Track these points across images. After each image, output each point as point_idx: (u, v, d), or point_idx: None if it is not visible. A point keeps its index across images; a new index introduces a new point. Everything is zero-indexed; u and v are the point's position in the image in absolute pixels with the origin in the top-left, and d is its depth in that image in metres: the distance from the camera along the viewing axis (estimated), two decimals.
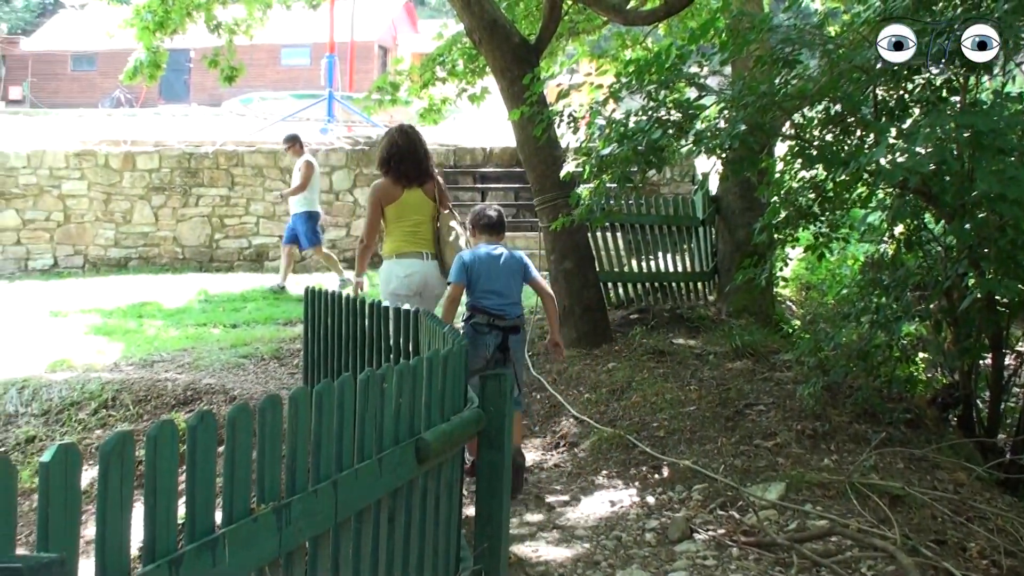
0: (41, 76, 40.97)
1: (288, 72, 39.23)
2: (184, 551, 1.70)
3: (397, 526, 2.67)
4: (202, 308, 13.26)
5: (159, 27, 11.97)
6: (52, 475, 1.45)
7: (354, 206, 16.47)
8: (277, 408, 2.04)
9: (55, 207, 16.33)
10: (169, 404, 9.03)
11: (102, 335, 11.78)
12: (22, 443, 9.08)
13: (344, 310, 6.74)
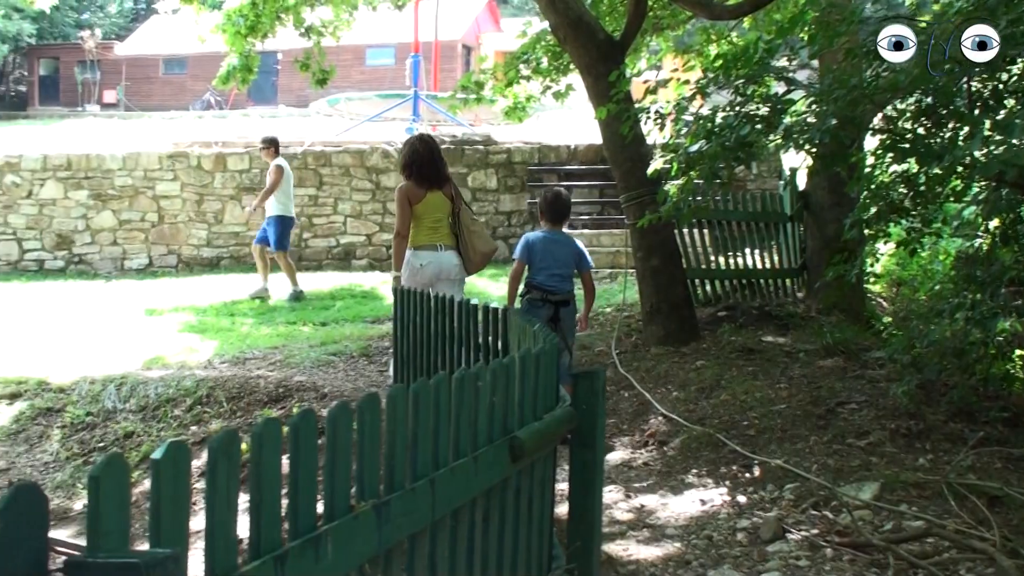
0: (134, 80, 41.95)
1: (373, 72, 39.60)
2: (288, 548, 1.72)
3: (491, 524, 2.68)
4: (291, 306, 13.46)
5: (250, 31, 12.17)
6: (163, 472, 1.47)
7: None
8: (376, 407, 2.06)
9: (149, 208, 16.69)
10: (261, 401, 9.18)
11: (196, 333, 12.03)
12: (120, 438, 9.31)
13: (433, 308, 6.79)
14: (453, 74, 36.64)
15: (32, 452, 9.49)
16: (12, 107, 43.76)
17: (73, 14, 45.79)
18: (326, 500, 1.89)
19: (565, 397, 3.37)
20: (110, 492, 1.37)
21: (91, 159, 16.78)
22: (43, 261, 16.75)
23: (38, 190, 16.77)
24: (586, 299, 7.61)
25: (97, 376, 10.33)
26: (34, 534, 1.29)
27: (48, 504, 1.34)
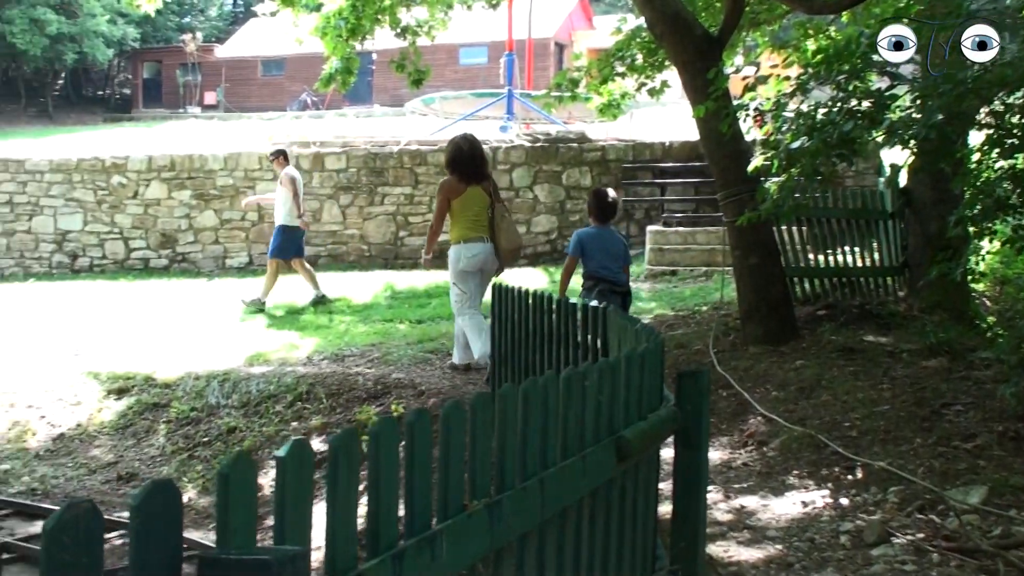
0: (233, 81, 42.77)
1: (466, 71, 39.80)
2: (405, 546, 1.74)
3: (597, 525, 2.68)
4: (388, 304, 13.61)
5: (351, 34, 12.31)
6: (288, 469, 1.50)
7: (533, 203, 16.59)
8: (488, 406, 2.08)
9: (251, 208, 17.01)
10: (360, 398, 9.29)
11: (295, 330, 12.23)
12: (224, 433, 9.51)
13: (532, 307, 6.81)
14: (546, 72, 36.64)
15: (139, 446, 9.74)
16: (117, 109, 44.94)
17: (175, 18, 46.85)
18: (439, 499, 1.91)
19: (669, 397, 3.35)
20: (238, 489, 1.40)
21: (194, 160, 17.17)
22: (148, 259, 17.17)
23: (143, 190, 17.21)
24: None
25: (201, 372, 10.57)
26: (169, 530, 1.32)
27: (182, 500, 1.37)
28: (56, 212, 17.45)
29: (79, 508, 1.17)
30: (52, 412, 10.42)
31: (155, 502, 1.29)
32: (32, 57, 39.23)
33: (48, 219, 17.43)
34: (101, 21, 40.11)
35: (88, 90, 49.56)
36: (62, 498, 8.84)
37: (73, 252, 17.33)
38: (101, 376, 10.85)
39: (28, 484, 9.24)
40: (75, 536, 1.14)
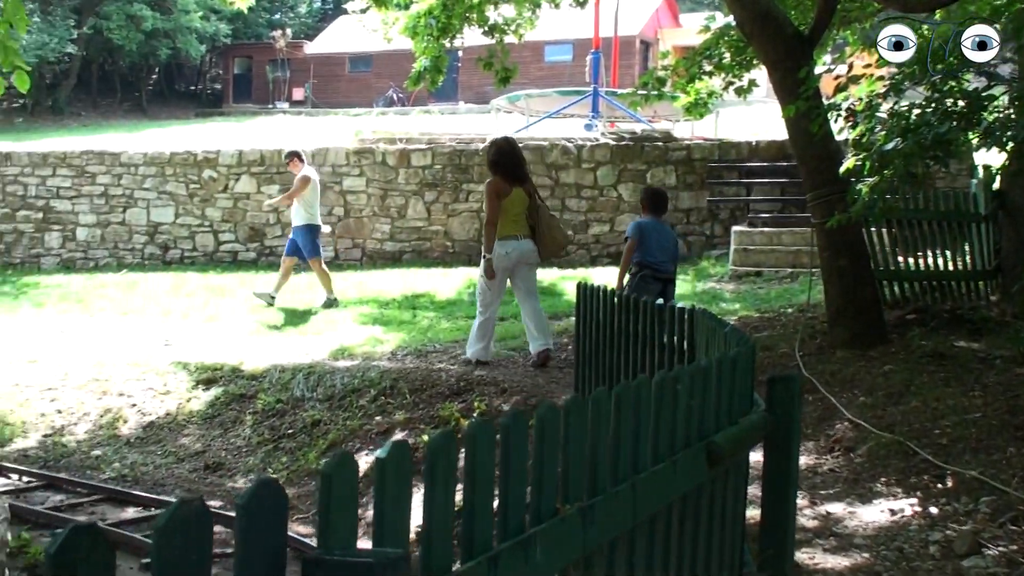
0: (321, 78, 43.28)
1: (551, 69, 39.76)
2: (500, 549, 1.74)
3: (686, 530, 2.66)
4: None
5: (442, 33, 12.39)
6: (388, 471, 1.51)
7: (618, 201, 16.53)
8: (583, 409, 2.07)
9: (336, 203, 17.20)
10: (443, 394, 9.34)
11: (379, 325, 12.34)
12: (308, 426, 9.63)
13: (617, 307, 6.78)
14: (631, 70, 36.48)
15: (226, 436, 9.91)
16: (208, 104, 45.77)
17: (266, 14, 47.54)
18: (532, 502, 1.91)
19: (759, 401, 3.32)
20: (341, 489, 1.41)
21: (282, 155, 17.39)
22: (236, 252, 17.46)
23: (233, 184, 17.50)
24: None
25: (287, 365, 10.71)
26: (274, 529, 1.33)
27: (288, 499, 1.38)
28: (149, 204, 17.83)
29: (190, 506, 1.19)
30: (143, 400, 10.65)
31: (261, 500, 1.31)
32: (128, 52, 40.13)
33: (141, 211, 17.82)
34: (195, 17, 40.89)
35: (181, 85, 50.52)
36: (151, 485, 9.03)
37: (165, 244, 17.70)
38: (190, 366, 11.06)
39: (118, 470, 9.46)
40: (185, 534, 1.16)
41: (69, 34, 37.92)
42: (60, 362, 11.70)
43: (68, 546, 1.08)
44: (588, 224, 16.59)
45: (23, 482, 9.03)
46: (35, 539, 7.41)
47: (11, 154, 18.63)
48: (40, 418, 10.59)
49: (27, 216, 18.19)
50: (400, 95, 38.84)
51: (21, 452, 9.97)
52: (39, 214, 18.05)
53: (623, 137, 17.41)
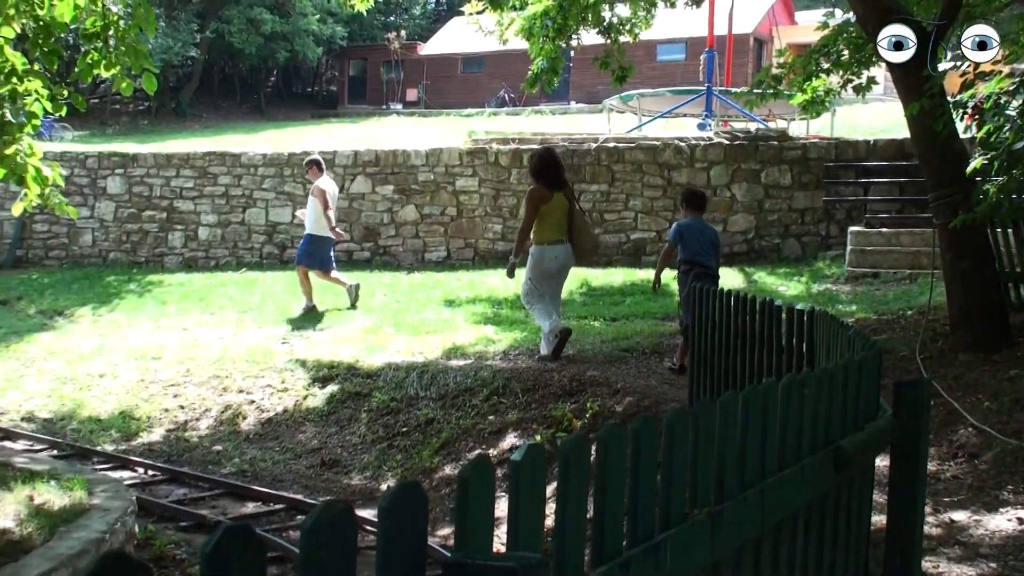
0: (434, 79, 43.70)
1: (663, 68, 39.48)
2: (631, 554, 1.73)
3: (811, 537, 2.61)
4: (583, 301, 13.65)
5: (557, 34, 12.40)
6: (523, 474, 1.52)
7: (731, 201, 16.34)
8: (712, 412, 2.05)
9: (449, 203, 17.35)
10: (555, 394, 9.35)
11: (491, 325, 12.39)
12: (422, 424, 9.74)
13: (732, 308, 6.71)
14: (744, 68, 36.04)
15: (342, 433, 10.08)
16: (324, 106, 46.59)
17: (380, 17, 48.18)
18: (661, 507, 1.90)
19: (884, 407, 3.25)
20: (478, 492, 1.42)
21: (397, 156, 17.64)
22: (352, 252, 17.72)
23: (349, 185, 17.77)
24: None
25: (401, 363, 10.85)
26: (415, 532, 1.34)
27: (428, 503, 1.40)
28: (268, 205, 18.23)
29: (335, 508, 1.21)
30: (261, 397, 10.90)
31: (402, 504, 1.32)
32: (248, 56, 41.06)
33: (260, 211, 18.22)
34: (312, 20, 41.66)
35: (298, 87, 51.52)
36: (269, 481, 9.24)
37: (282, 243, 18.05)
38: (307, 364, 11.27)
39: (238, 466, 9.69)
40: (331, 536, 1.18)
41: (192, 38, 38.98)
42: (182, 359, 12.04)
43: (222, 546, 1.10)
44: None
45: (148, 475, 9.32)
46: (160, 531, 7.64)
47: (137, 155, 19.24)
48: (164, 413, 10.92)
49: (152, 216, 18.76)
50: (512, 95, 38.99)
51: (146, 446, 10.30)
52: (163, 214, 18.59)
53: (737, 136, 17.20)
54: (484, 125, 26.20)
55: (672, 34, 37.99)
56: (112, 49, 7.11)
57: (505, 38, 13.67)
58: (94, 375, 11.97)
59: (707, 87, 22.09)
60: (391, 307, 13.93)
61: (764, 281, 14.11)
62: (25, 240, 19.34)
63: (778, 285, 13.68)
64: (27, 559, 5.36)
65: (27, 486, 6.52)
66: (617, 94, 23.24)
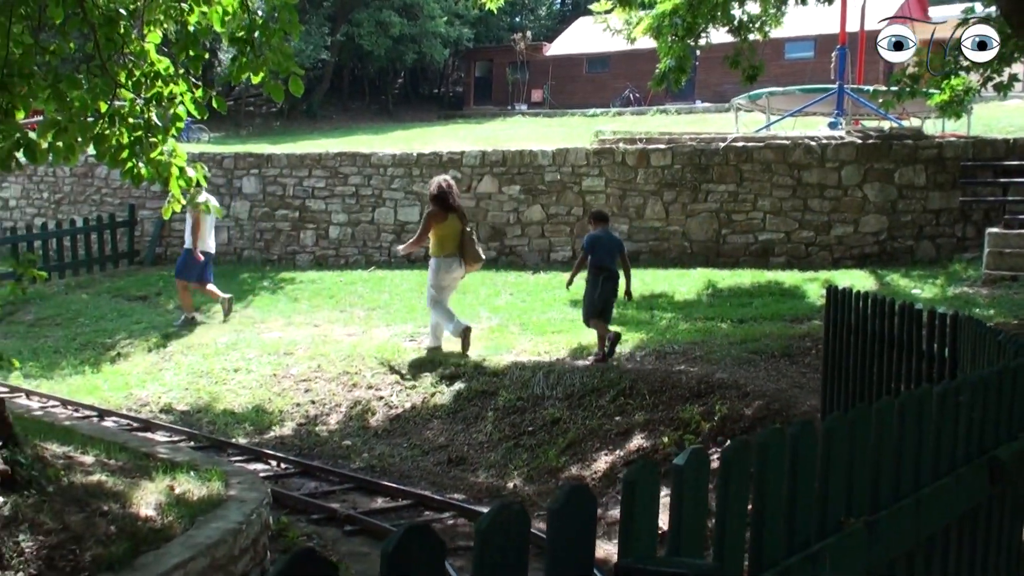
0: (559, 79, 43.72)
1: (791, 66, 38.79)
2: (790, 562, 1.70)
3: (964, 549, 2.53)
4: (709, 302, 13.50)
5: (687, 32, 12.30)
6: (687, 478, 1.50)
7: (862, 202, 15.96)
8: (867, 420, 2.01)
9: (575, 203, 17.33)
10: (683, 396, 9.28)
11: (617, 325, 12.32)
12: (548, 424, 9.76)
13: (871, 311, 6.56)
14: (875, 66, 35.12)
15: (468, 431, 10.16)
16: (450, 107, 47.04)
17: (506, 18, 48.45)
18: (817, 515, 1.86)
19: None
20: (643, 496, 1.41)
21: (524, 156, 17.69)
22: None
23: (476, 185, 17.90)
24: (627, 276, 10.79)
25: (527, 362, 10.89)
26: (584, 535, 1.34)
27: (596, 505, 1.40)
28: (396, 204, 18.48)
29: (510, 510, 1.22)
30: (390, 394, 11.05)
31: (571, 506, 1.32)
32: (376, 58, 41.71)
33: (389, 210, 18.48)
34: (439, 22, 42.13)
35: (424, 88, 52.09)
36: (397, 476, 9.36)
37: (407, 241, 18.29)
38: (435, 361, 11.39)
39: (367, 460, 9.85)
40: (505, 537, 1.18)
41: (324, 41, 39.78)
42: (313, 355, 12.29)
43: (403, 546, 1.12)
44: (831, 225, 16.09)
45: (280, 468, 9.53)
46: (293, 523, 7.80)
47: (271, 156, 19.71)
48: (295, 408, 11.16)
49: (285, 215, 19.20)
50: (636, 95, 38.79)
51: (278, 439, 10.54)
52: (295, 213, 19.01)
53: (869, 135, 16.80)
54: (609, 125, 26.11)
55: (801, 31, 37.32)
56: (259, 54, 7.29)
57: (633, 36, 13.59)
58: (229, 369, 12.30)
59: (838, 85, 21.62)
60: (517, 307, 13.98)
61: (897, 284, 13.77)
62: (164, 238, 20.01)
63: (912, 288, 13.33)
64: (168, 547, 5.50)
65: (168, 476, 6.70)
66: (745, 93, 22.92)
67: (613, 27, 15.95)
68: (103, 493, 6.01)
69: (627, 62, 38.16)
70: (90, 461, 6.81)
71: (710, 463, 1.56)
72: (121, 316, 15.69)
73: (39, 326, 15.32)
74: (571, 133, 25.10)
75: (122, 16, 7.28)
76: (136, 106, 7.39)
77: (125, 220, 20.12)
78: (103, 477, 6.35)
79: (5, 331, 15.44)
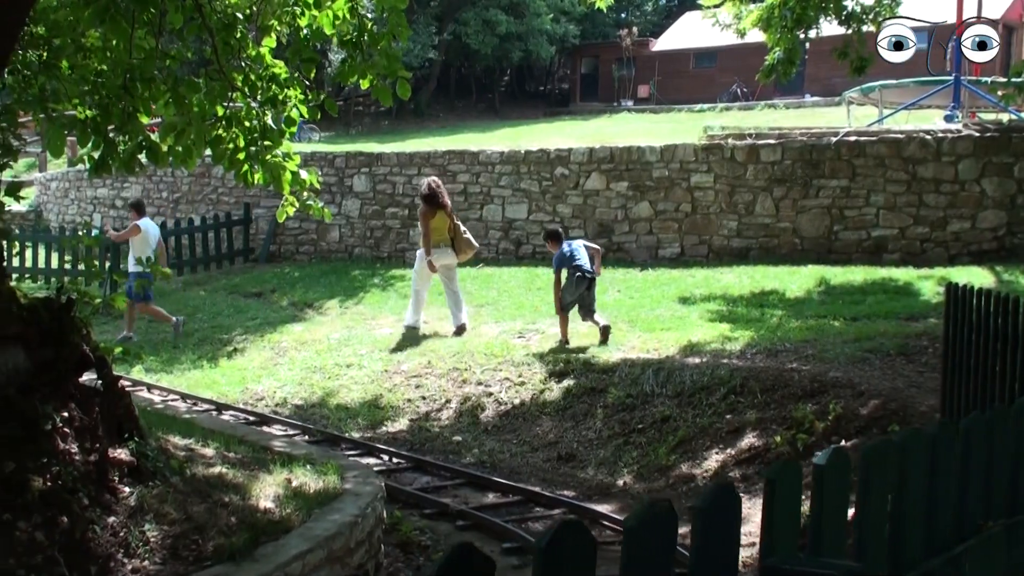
0: (665, 75, 43.39)
1: None
2: (932, 564, 1.68)
3: None
4: (821, 300, 13.29)
5: (796, 24, 12.12)
6: (827, 479, 1.50)
7: (980, 196, 15.52)
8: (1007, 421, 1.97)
9: (683, 199, 17.19)
10: (796, 395, 9.16)
11: (726, 323, 12.24)
12: (658, 422, 9.73)
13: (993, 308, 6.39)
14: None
15: (578, 428, 10.18)
16: (556, 104, 47.02)
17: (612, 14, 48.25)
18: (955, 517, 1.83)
19: None
20: (785, 495, 1.40)
21: (631, 152, 17.60)
22: None
23: (584, 181, 17.89)
24: (596, 261, 12.27)
25: (636, 359, 10.86)
26: (729, 533, 1.34)
27: (741, 504, 1.40)
28: (504, 201, 18.56)
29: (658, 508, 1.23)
30: (499, 390, 11.13)
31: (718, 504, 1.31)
32: (483, 56, 41.94)
33: (497, 208, 18.57)
34: (546, 20, 42.16)
35: (530, 86, 52.17)
36: (507, 472, 9.43)
37: (518, 239, 18.34)
38: (545, 358, 11.44)
39: (478, 456, 9.94)
40: (652, 533, 1.19)
41: (431, 40, 40.13)
42: (423, 351, 12.43)
43: (557, 540, 1.14)
44: (947, 220, 15.69)
45: (393, 463, 9.67)
46: (406, 517, 7.91)
47: (381, 155, 19.99)
48: (407, 403, 11.30)
49: (394, 213, 19.45)
50: (744, 90, 38.31)
51: (390, 434, 10.69)
52: (405, 211, 19.23)
53: (988, 128, 16.32)
54: (716, 120, 25.83)
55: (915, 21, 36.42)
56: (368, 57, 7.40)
57: (743, 29, 13.43)
58: (341, 365, 12.52)
59: (955, 77, 21.05)
60: (625, 303, 13.94)
61: (1018, 281, 13.38)
62: (278, 236, 20.43)
63: None
64: (286, 539, 5.63)
65: (285, 469, 6.85)
66: (857, 86, 22.45)
67: (723, 21, 15.79)
68: (224, 485, 6.18)
69: (734, 56, 37.66)
70: (211, 453, 7.00)
71: (851, 463, 1.54)
72: (237, 312, 16.08)
73: (159, 322, 15.78)
74: (678, 129, 24.89)
75: (239, 20, 7.48)
76: (252, 110, 7.58)
77: (241, 219, 20.62)
78: (223, 469, 6.53)
79: None
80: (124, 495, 5.50)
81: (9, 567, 4.71)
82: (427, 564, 7.02)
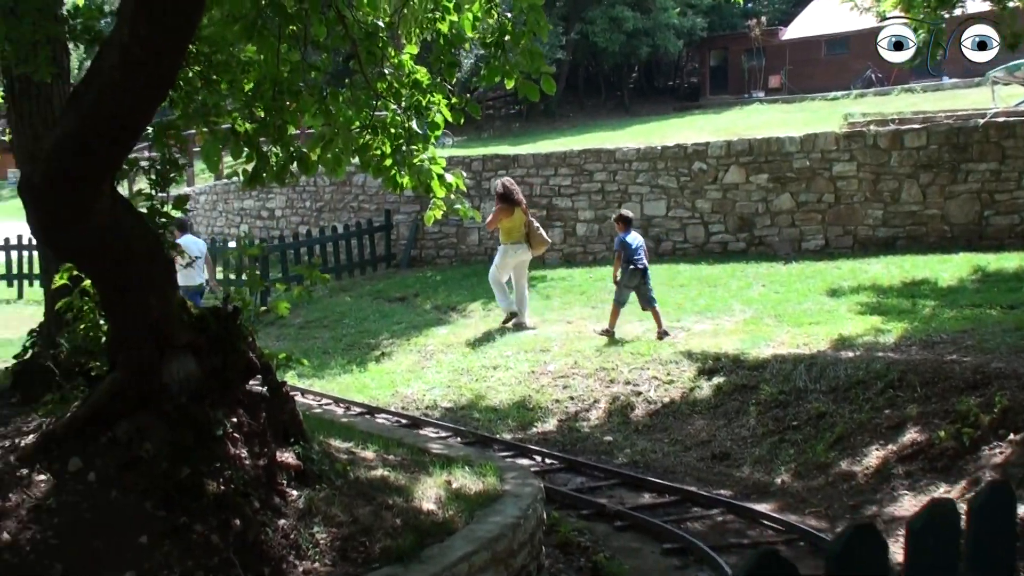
0: (796, 63, 42.58)
1: None
2: None
3: None
4: (975, 288, 12.88)
5: (940, 3, 11.76)
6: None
7: None
8: None
9: (826, 189, 16.85)
10: (957, 388, 8.90)
11: (877, 315, 11.97)
12: (813, 418, 9.57)
13: None
14: None
15: (730, 426, 10.08)
16: (685, 98, 46.55)
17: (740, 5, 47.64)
18: None
19: None
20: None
21: (770, 143, 17.34)
22: (726, 243, 17.64)
23: (722, 175, 17.69)
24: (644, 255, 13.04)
25: (787, 355, 10.70)
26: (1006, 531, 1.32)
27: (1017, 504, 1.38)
28: (642, 198, 18.47)
29: (942, 508, 1.22)
30: (648, 389, 11.09)
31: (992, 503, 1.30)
32: (611, 54, 41.77)
33: (635, 205, 18.44)
34: (672, 14, 41.78)
35: (659, 81, 51.75)
36: (661, 472, 9.39)
37: (657, 236, 18.21)
38: (693, 355, 11.34)
39: (630, 456, 9.92)
40: (937, 534, 1.19)
41: (559, 40, 40.14)
42: (569, 351, 12.46)
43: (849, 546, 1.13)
44: None
45: (545, 464, 9.71)
46: (563, 518, 7.94)
47: (518, 156, 20.11)
48: (555, 404, 11.34)
49: (533, 214, 19.55)
50: (878, 75, 37.32)
51: (541, 435, 10.74)
52: (543, 212, 19.27)
53: None
54: (852, 107, 25.28)
55: None
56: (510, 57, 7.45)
57: (883, 11, 13.07)
58: (488, 367, 12.63)
59: None
60: (770, 298, 13.75)
61: None
62: (419, 241, 20.74)
63: None
64: (451, 540, 5.70)
65: (444, 471, 6.93)
66: (1002, 65, 21.68)
67: (861, 5, 15.43)
68: (386, 487, 6.29)
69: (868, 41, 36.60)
70: (371, 456, 7.14)
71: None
72: (382, 317, 16.37)
73: (308, 328, 16.18)
74: (813, 118, 24.42)
75: (380, 29, 7.61)
76: (396, 116, 7.71)
77: (382, 225, 21.00)
78: (385, 472, 6.65)
79: (278, 334, 16.37)
80: (292, 498, 5.65)
81: (187, 569, 4.87)
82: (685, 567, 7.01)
